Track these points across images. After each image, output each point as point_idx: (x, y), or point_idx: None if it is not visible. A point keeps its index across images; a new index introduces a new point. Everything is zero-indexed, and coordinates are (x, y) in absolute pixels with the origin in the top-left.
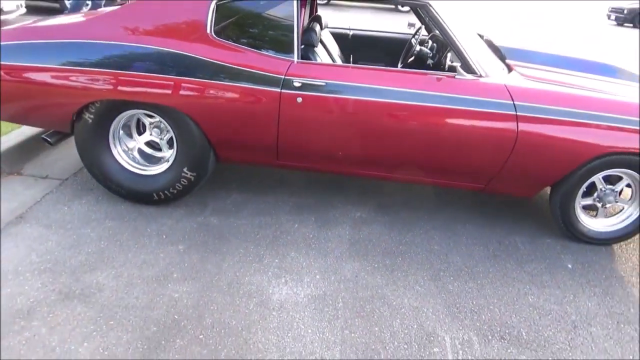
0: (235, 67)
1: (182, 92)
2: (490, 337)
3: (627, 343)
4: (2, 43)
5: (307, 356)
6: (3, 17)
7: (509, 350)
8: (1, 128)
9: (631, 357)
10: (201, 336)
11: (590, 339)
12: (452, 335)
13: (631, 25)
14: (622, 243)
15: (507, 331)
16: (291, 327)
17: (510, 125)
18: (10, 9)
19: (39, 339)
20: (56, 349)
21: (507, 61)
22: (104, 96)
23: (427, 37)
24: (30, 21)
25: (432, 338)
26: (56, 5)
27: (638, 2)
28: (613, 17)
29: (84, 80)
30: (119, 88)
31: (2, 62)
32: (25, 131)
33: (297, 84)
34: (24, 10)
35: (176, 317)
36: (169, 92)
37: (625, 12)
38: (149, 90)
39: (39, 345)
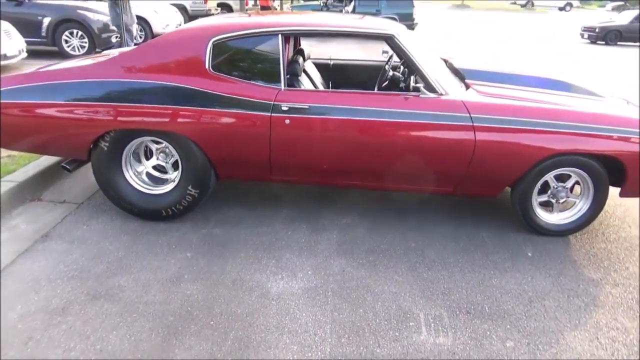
0: (232, 96)
1: (186, 120)
2: (458, 312)
3: (574, 312)
4: (24, 85)
5: (302, 333)
6: (6, 62)
7: (473, 322)
8: (18, 161)
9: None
10: (212, 322)
11: (543, 310)
12: (426, 312)
13: (603, 42)
14: (576, 233)
15: (472, 307)
16: (288, 312)
17: (468, 134)
18: (13, 53)
19: (75, 330)
20: (90, 337)
21: (467, 81)
22: (120, 126)
23: (399, 63)
24: (47, 65)
25: (408, 315)
26: (55, 48)
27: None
28: (586, 35)
29: (102, 112)
30: (133, 118)
31: (27, 101)
32: (42, 162)
33: (284, 108)
34: (25, 54)
35: (189, 309)
36: (176, 120)
37: (597, 30)
38: (158, 119)
39: (75, 334)
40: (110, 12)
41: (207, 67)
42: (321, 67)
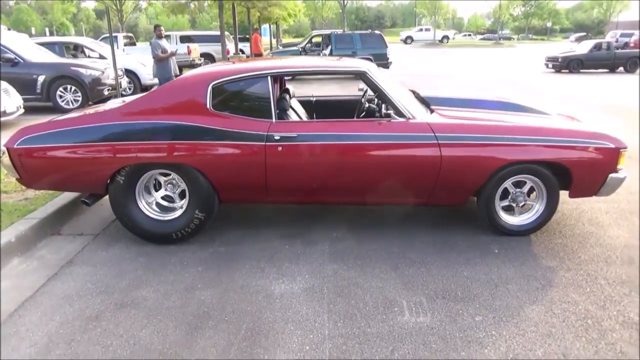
0: (231, 130)
1: (193, 152)
2: (435, 298)
3: (533, 291)
4: (50, 131)
5: (304, 321)
6: (5, 118)
7: (448, 304)
8: (34, 202)
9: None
10: (226, 318)
11: (507, 292)
12: (408, 299)
13: (567, 70)
14: (537, 232)
15: (447, 293)
16: (291, 307)
17: (434, 151)
18: (12, 110)
19: (110, 331)
20: (123, 335)
21: (432, 107)
22: (136, 161)
23: (373, 96)
24: (58, 116)
25: (393, 303)
26: (49, 104)
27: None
28: (550, 65)
29: (120, 150)
30: (147, 154)
31: (54, 144)
32: (58, 202)
33: (277, 137)
34: (22, 110)
35: (205, 310)
36: (184, 153)
37: (560, 60)
38: (168, 153)
39: (110, 334)
40: (155, 69)
41: (208, 106)
42: (305, 104)
